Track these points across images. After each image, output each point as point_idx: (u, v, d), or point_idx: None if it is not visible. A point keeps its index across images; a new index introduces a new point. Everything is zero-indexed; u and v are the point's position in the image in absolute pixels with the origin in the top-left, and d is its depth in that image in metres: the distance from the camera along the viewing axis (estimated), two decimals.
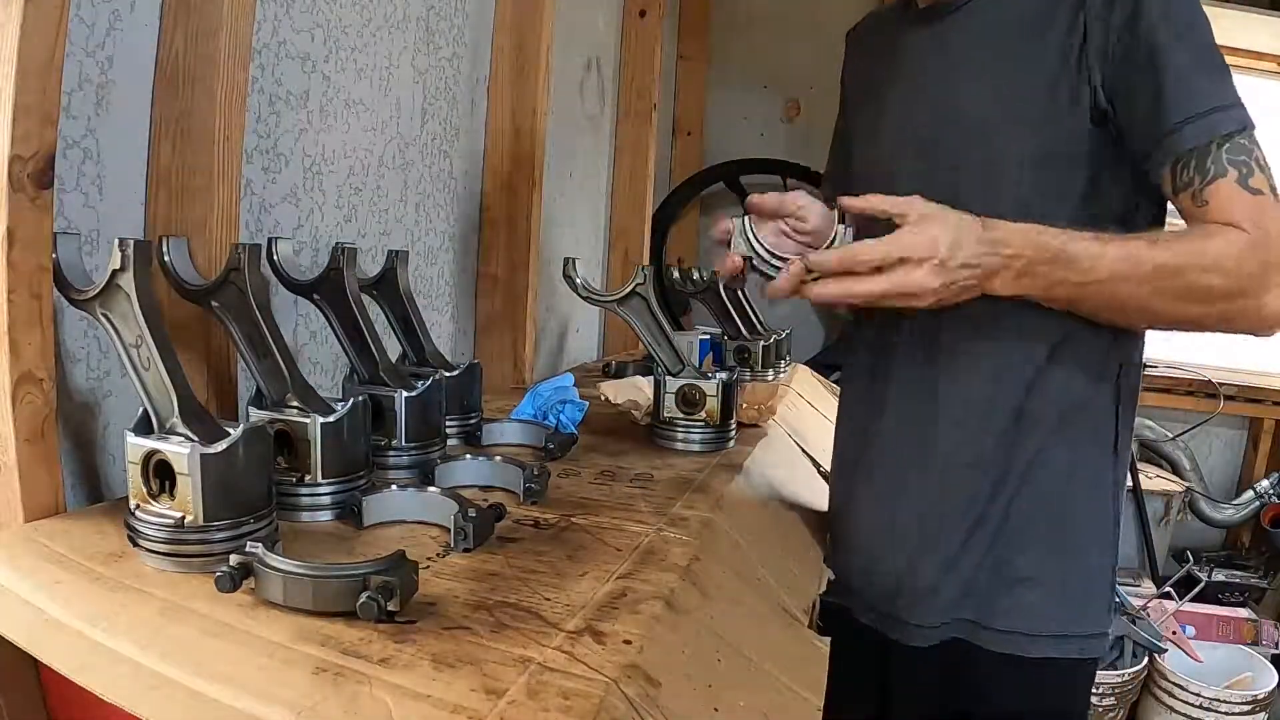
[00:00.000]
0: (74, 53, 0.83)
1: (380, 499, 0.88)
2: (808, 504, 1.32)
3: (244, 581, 0.66)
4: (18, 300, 0.73)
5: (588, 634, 0.65)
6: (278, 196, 1.16)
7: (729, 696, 0.67)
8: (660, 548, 0.86)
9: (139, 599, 0.66)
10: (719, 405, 1.25)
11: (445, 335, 1.63)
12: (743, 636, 0.79)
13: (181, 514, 0.71)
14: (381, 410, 1.00)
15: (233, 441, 0.73)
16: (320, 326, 1.23)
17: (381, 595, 0.63)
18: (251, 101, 1.04)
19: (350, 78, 1.27)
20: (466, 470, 1.03)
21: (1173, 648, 2.32)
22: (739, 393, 1.35)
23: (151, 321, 0.74)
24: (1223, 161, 0.82)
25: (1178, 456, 2.97)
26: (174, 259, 0.89)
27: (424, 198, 1.51)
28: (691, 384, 1.24)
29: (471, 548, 0.80)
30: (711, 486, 1.08)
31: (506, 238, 1.70)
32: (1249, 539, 3.01)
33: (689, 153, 3.34)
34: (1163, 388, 2.93)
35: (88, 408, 0.90)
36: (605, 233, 2.57)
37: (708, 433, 1.26)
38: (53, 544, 0.73)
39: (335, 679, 0.56)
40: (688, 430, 1.26)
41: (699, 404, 1.25)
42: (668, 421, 1.26)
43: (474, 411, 1.22)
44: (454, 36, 1.54)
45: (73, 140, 0.86)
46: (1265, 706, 2.21)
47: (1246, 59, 2.99)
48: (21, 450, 0.75)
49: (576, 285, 1.31)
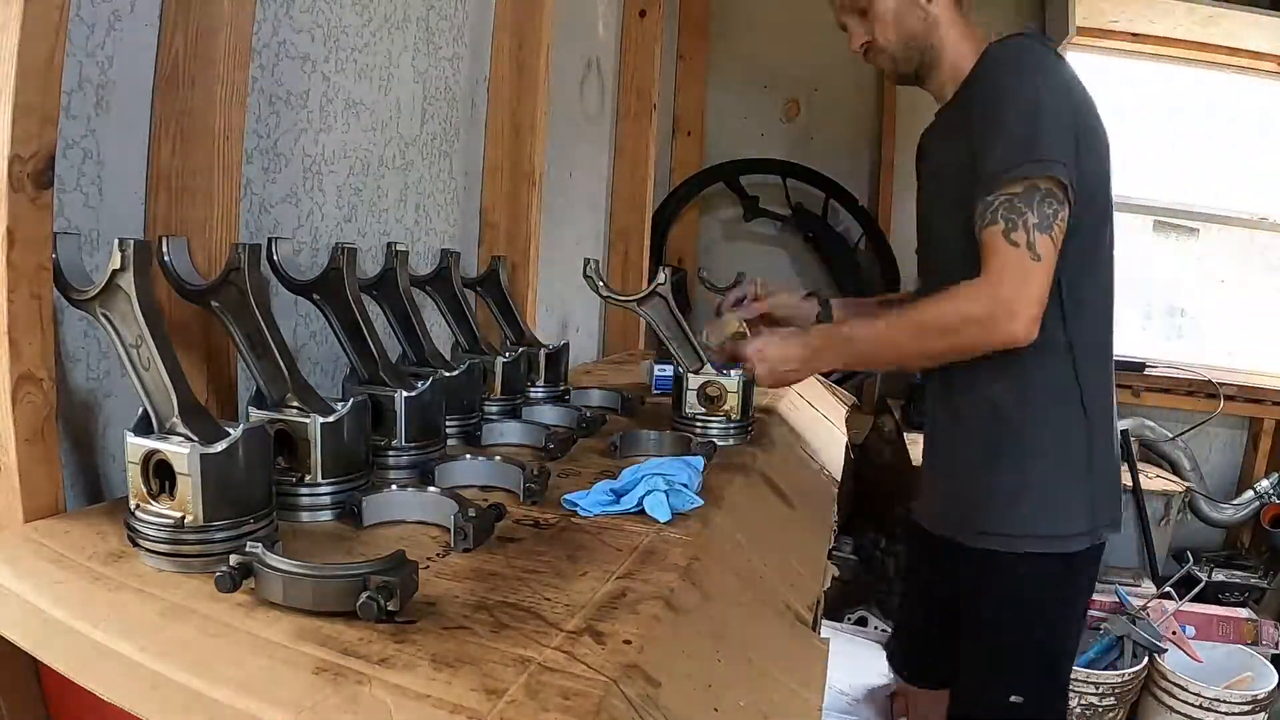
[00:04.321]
0: (74, 53, 0.83)
1: (380, 499, 0.88)
2: (812, 502, 1.32)
3: (244, 581, 0.66)
4: (18, 300, 0.73)
5: (588, 634, 0.65)
6: (278, 196, 1.15)
7: (729, 696, 0.67)
8: (660, 548, 0.86)
9: (139, 599, 0.66)
10: (739, 401, 1.32)
11: (445, 335, 1.63)
12: (743, 636, 0.79)
13: (181, 514, 0.71)
14: (381, 410, 1.00)
15: (233, 441, 0.73)
16: (320, 326, 1.23)
17: (381, 595, 0.63)
18: (251, 101, 1.04)
19: (350, 78, 1.27)
20: (466, 470, 1.03)
21: (1173, 648, 2.32)
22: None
23: (151, 321, 0.74)
24: (998, 213, 1.10)
25: (1178, 456, 2.97)
26: (174, 259, 0.89)
27: (424, 198, 1.51)
28: (713, 381, 1.31)
29: (471, 548, 0.80)
30: (712, 486, 1.08)
31: (506, 238, 1.70)
32: (1249, 539, 3.01)
33: (689, 153, 3.33)
34: (1163, 388, 2.93)
35: (88, 408, 0.90)
36: (605, 233, 2.57)
37: (729, 427, 1.32)
38: (53, 544, 0.73)
39: (335, 679, 0.56)
40: (707, 425, 1.32)
41: (720, 400, 1.32)
42: (690, 417, 1.32)
43: (474, 411, 1.22)
44: (454, 36, 1.54)
45: (73, 140, 0.86)
46: (1265, 706, 2.21)
47: (1246, 59, 2.99)
48: (21, 450, 0.75)
49: (598, 286, 1.36)
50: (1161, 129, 3.25)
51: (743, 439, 1.35)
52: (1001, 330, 1.10)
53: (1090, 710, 2.23)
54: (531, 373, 1.45)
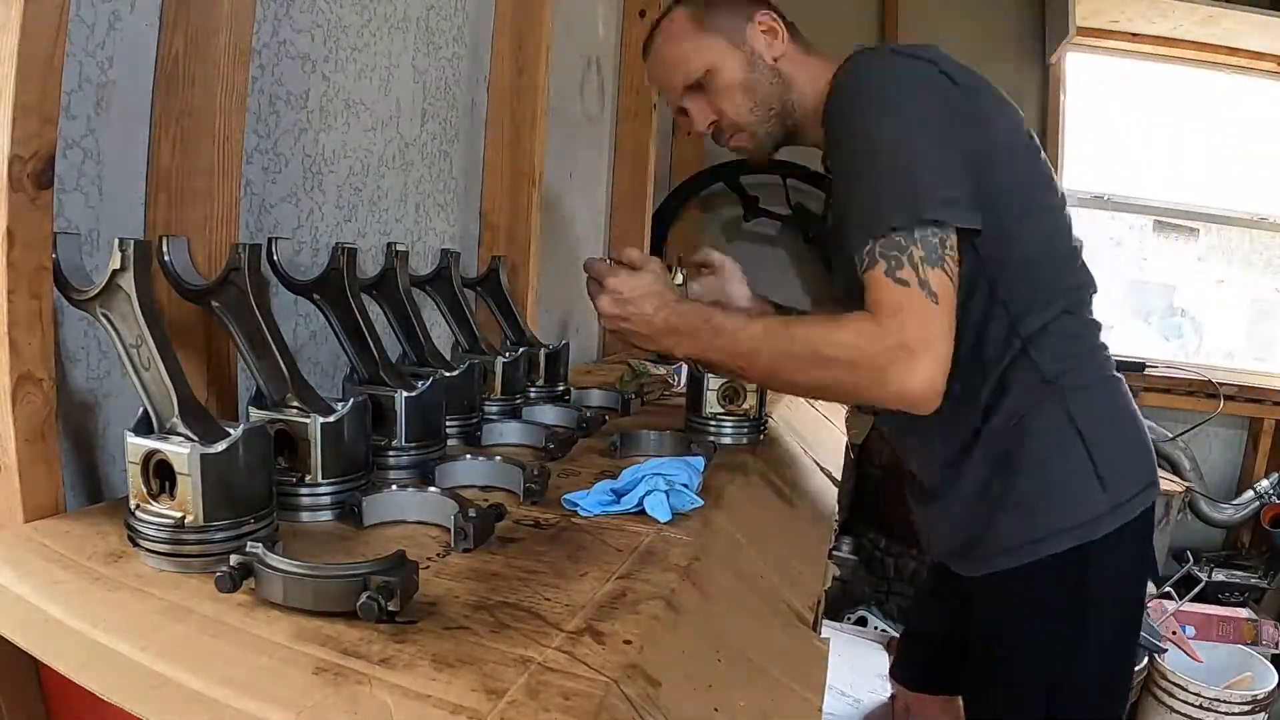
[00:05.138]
0: (74, 53, 0.83)
1: (380, 499, 0.88)
2: (812, 502, 1.32)
3: (244, 581, 0.66)
4: (18, 300, 0.73)
5: (588, 634, 0.65)
6: (278, 196, 1.16)
7: (729, 696, 0.67)
8: (660, 548, 0.86)
9: (139, 599, 0.66)
10: (757, 400, 1.35)
11: (445, 335, 1.63)
12: (743, 636, 0.79)
13: (181, 514, 0.71)
14: (381, 410, 1.00)
15: (233, 441, 0.73)
16: (320, 326, 1.23)
17: (382, 595, 0.63)
18: (251, 101, 1.04)
19: (350, 78, 1.27)
20: (466, 470, 1.03)
21: (1173, 648, 2.32)
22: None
23: (151, 321, 0.74)
24: (876, 254, 0.93)
25: (1178, 456, 2.97)
26: (174, 259, 0.89)
27: (424, 198, 1.51)
28: (732, 381, 1.33)
29: (471, 548, 0.80)
30: (712, 486, 1.08)
31: (506, 238, 1.70)
32: (1249, 539, 3.01)
33: (689, 153, 3.33)
34: (1163, 388, 2.93)
35: (88, 408, 0.90)
36: (605, 233, 2.57)
37: (744, 425, 1.35)
38: (53, 544, 0.73)
39: (335, 679, 0.56)
40: (721, 424, 1.34)
41: (740, 399, 1.34)
42: (708, 416, 1.34)
43: (474, 411, 1.22)
44: (454, 36, 1.54)
45: (73, 140, 0.86)
46: (1265, 706, 2.21)
47: (1246, 59, 2.99)
48: (21, 450, 0.75)
49: None
50: (1161, 129, 3.25)
51: (757, 437, 1.36)
52: (885, 386, 0.91)
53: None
54: (531, 373, 1.45)
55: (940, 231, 0.93)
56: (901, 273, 0.92)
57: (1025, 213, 1.05)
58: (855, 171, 1.00)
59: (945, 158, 0.95)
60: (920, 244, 0.92)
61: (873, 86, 1.00)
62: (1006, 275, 1.04)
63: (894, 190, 0.94)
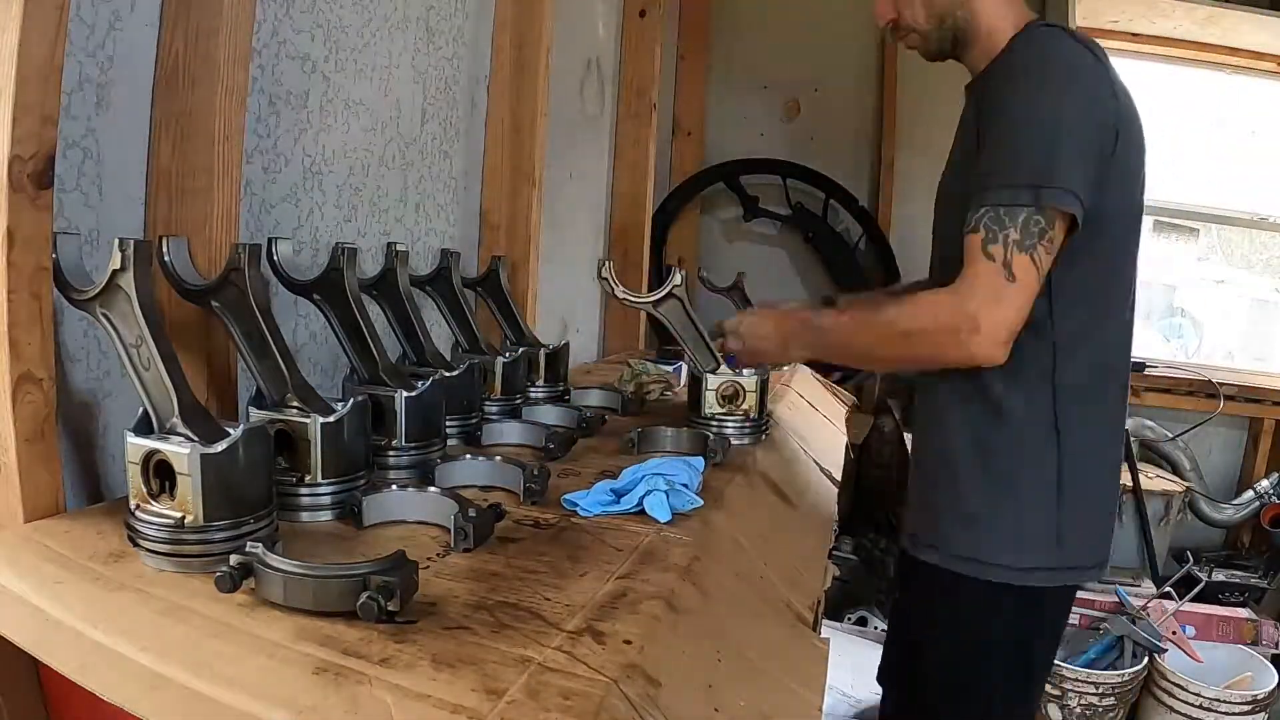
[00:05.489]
0: (74, 53, 0.83)
1: (380, 499, 0.88)
2: (812, 502, 1.32)
3: (244, 581, 0.66)
4: (18, 300, 0.73)
5: (588, 634, 0.65)
6: (278, 196, 1.15)
7: (729, 696, 0.67)
8: (660, 548, 0.86)
9: (139, 599, 0.66)
10: (757, 400, 1.34)
11: (445, 335, 1.63)
12: (743, 636, 0.79)
13: (181, 514, 0.71)
14: (381, 410, 1.00)
15: (233, 441, 0.73)
16: (320, 326, 1.23)
17: (381, 595, 0.63)
18: (251, 101, 1.04)
19: (350, 78, 1.27)
20: (466, 470, 1.03)
21: (1173, 648, 2.32)
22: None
23: (151, 321, 0.74)
24: (982, 222, 1.02)
25: (1178, 456, 2.97)
26: (174, 259, 0.89)
27: (424, 198, 1.51)
28: (732, 380, 1.33)
29: (471, 548, 0.80)
30: (712, 486, 1.08)
31: (506, 238, 1.70)
32: (1249, 539, 3.01)
33: (689, 153, 3.33)
34: (1163, 388, 2.93)
35: (88, 408, 0.90)
36: (605, 233, 2.57)
37: (744, 425, 1.34)
38: (53, 544, 0.73)
39: (335, 679, 0.56)
40: (722, 424, 1.33)
41: (739, 399, 1.33)
42: (708, 417, 1.33)
43: (474, 411, 1.22)
44: (454, 36, 1.54)
45: (73, 140, 0.86)
46: (1265, 706, 2.21)
47: (1246, 59, 2.99)
48: (21, 450, 0.75)
49: (614, 289, 1.36)
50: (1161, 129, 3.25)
51: (758, 437, 1.36)
52: (961, 347, 1.02)
53: (1090, 710, 2.23)
54: (531, 373, 1.45)
55: (1046, 224, 1.00)
56: (993, 248, 1.01)
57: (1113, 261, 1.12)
58: (997, 136, 1.06)
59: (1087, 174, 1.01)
60: (1020, 228, 1.00)
61: (1062, 68, 1.05)
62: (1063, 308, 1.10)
63: (1033, 177, 1.00)
